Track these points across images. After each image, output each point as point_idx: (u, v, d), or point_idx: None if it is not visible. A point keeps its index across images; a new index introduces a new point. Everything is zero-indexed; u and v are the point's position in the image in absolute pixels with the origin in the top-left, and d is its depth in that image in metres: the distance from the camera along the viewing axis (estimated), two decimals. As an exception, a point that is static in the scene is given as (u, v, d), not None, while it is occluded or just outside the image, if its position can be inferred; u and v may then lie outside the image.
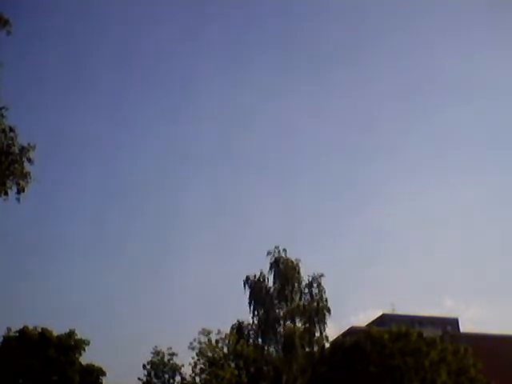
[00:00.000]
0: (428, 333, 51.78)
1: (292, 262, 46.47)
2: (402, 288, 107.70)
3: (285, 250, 46.47)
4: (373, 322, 71.23)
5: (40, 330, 53.51)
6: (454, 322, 79.50)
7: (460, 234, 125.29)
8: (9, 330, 53.72)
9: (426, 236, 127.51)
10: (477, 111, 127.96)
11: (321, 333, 45.46)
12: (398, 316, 72.47)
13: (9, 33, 20.38)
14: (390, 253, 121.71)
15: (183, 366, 62.49)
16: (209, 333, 61.82)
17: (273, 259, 46.54)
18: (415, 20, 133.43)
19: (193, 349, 61.20)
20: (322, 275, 46.49)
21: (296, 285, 46.24)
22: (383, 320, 73.59)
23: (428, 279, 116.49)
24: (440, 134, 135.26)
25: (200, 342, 61.61)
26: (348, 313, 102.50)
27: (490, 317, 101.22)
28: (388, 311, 75.49)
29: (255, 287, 46.10)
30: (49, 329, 53.73)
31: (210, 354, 60.58)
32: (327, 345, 46.45)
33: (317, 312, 45.46)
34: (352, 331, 60.44)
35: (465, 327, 75.38)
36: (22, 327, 53.48)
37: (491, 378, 45.36)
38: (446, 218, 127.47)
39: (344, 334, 59.52)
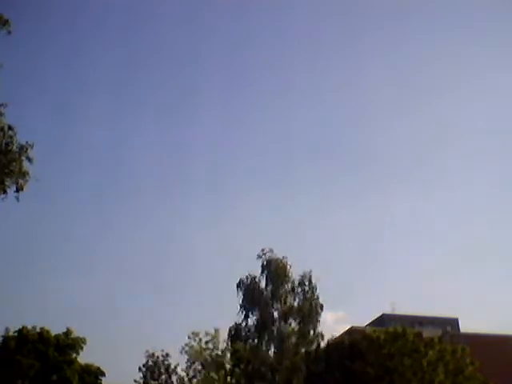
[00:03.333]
0: (428, 333, 51.74)
1: (282, 262, 46.70)
2: (402, 288, 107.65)
3: (271, 251, 46.76)
4: (373, 322, 71.24)
5: (38, 330, 53.58)
6: (454, 322, 79.41)
7: (460, 233, 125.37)
8: (7, 330, 53.79)
9: (427, 236, 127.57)
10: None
11: (314, 330, 45.58)
12: (398, 316, 72.45)
13: (9, 33, 20.43)
14: (390, 252, 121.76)
15: (178, 364, 62.82)
16: (197, 335, 62.25)
17: (264, 260, 46.80)
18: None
19: (186, 352, 61.65)
20: (311, 271, 46.72)
21: (289, 285, 46.53)
22: (383, 320, 73.56)
23: (428, 279, 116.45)
24: (441, 132, 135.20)
25: (191, 346, 62.02)
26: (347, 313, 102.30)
27: (489, 317, 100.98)
28: (388, 311, 75.57)
29: (248, 290, 46.41)
30: (47, 329, 53.81)
31: (205, 356, 60.92)
32: (323, 343, 46.56)
33: (310, 310, 45.60)
34: (351, 331, 60.41)
35: (465, 327, 75.34)
36: (20, 327, 53.54)
37: (491, 377, 45.33)
38: (445, 217, 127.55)
39: (343, 334, 59.48)
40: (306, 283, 46.59)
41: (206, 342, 61.52)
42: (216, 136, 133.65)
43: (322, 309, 46.08)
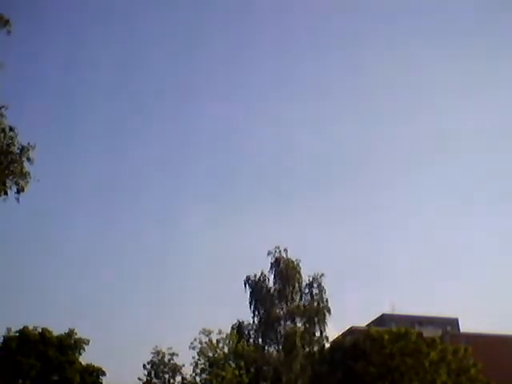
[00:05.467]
0: (428, 333, 51.81)
1: (292, 262, 46.53)
2: (403, 287, 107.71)
3: (286, 250, 46.52)
4: (373, 322, 71.28)
5: (40, 330, 53.59)
6: (454, 322, 79.48)
7: (460, 233, 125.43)
8: (9, 330, 53.78)
9: (427, 236, 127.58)
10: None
11: (321, 333, 45.47)
12: (398, 316, 72.55)
13: (9, 32, 20.45)
14: (391, 252, 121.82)
15: (184, 365, 62.77)
16: (209, 332, 62.05)
17: (273, 259, 46.59)
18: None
19: (193, 348, 61.44)
20: (322, 275, 46.53)
21: (296, 285, 46.29)
22: (383, 320, 73.64)
23: (428, 279, 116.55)
24: (439, 130, 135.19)
25: (201, 342, 61.84)
26: (347, 313, 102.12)
27: (489, 317, 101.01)
28: (388, 311, 75.62)
29: (256, 287, 46.15)
30: (49, 329, 53.83)
31: (210, 354, 60.81)
32: (327, 345, 46.47)
33: (317, 312, 45.49)
34: (352, 331, 60.49)
35: (465, 327, 75.38)
36: (22, 327, 53.53)
37: (491, 378, 45.36)
38: (445, 217, 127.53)
39: (344, 334, 59.54)
40: (315, 285, 46.49)
41: (218, 341, 61.54)
42: (218, 140, 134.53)
43: (329, 312, 45.93)
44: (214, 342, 61.57)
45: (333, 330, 57.86)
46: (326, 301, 45.99)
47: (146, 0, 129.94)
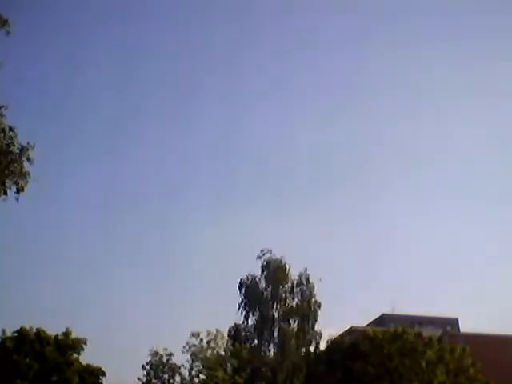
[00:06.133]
0: (428, 333, 51.76)
1: (280, 261, 46.91)
2: (403, 287, 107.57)
3: (270, 251, 46.93)
4: (373, 322, 71.26)
5: (37, 330, 53.49)
6: (454, 322, 79.51)
7: (460, 233, 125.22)
8: (4, 331, 53.69)
9: (427, 236, 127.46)
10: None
11: (313, 328, 45.84)
12: (398, 316, 72.47)
13: (8, 33, 20.40)
14: (391, 252, 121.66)
15: (183, 365, 63.07)
16: (198, 335, 62.54)
17: (264, 261, 47.04)
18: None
19: (187, 351, 61.99)
20: (306, 270, 47.05)
21: (288, 285, 46.81)
22: (383, 320, 73.62)
23: (428, 279, 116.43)
24: (439, 131, 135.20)
25: (193, 345, 62.32)
26: (347, 313, 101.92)
27: (489, 317, 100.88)
28: (388, 311, 75.56)
29: (249, 290, 46.61)
30: (46, 329, 53.74)
31: (202, 356, 61.30)
32: (322, 342, 46.87)
33: (308, 309, 45.90)
34: (351, 331, 60.49)
35: (465, 327, 75.37)
36: (19, 328, 53.42)
37: (491, 378, 45.36)
38: (445, 217, 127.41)
39: (344, 334, 59.53)
40: (304, 283, 46.83)
41: (208, 342, 61.87)
42: (218, 140, 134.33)
43: (319, 307, 46.37)
44: (205, 343, 62.15)
45: (333, 330, 58.02)
46: (315, 295, 46.40)
47: (146, 0, 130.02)
